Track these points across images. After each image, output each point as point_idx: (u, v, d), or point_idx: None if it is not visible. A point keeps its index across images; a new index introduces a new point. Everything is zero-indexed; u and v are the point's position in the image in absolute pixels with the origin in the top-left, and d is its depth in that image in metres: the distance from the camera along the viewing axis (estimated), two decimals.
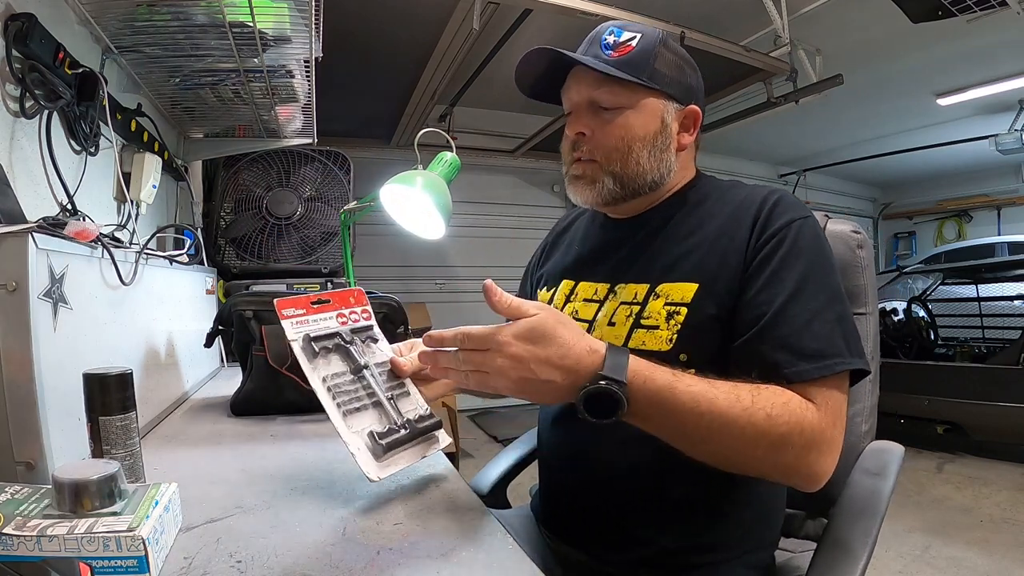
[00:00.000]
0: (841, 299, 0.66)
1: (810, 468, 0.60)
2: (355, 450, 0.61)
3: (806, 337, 0.62)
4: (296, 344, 0.67)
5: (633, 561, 0.73)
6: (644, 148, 0.75)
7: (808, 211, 0.72)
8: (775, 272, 0.66)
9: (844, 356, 0.62)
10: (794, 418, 0.59)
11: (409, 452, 0.65)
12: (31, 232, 0.60)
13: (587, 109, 0.76)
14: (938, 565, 2.08)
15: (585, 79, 0.76)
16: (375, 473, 0.60)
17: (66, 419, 0.64)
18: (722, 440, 0.59)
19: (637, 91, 0.74)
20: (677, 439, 0.61)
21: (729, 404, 0.58)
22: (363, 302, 0.77)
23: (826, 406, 0.61)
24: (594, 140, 0.76)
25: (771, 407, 0.58)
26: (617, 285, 0.78)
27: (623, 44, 0.74)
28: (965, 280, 4.04)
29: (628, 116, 0.74)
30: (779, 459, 0.60)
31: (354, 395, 0.66)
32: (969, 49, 3.48)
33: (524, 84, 0.82)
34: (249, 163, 2.17)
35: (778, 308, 0.64)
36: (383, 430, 0.64)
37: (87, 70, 1.11)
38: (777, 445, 0.58)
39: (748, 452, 0.59)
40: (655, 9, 2.60)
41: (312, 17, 1.20)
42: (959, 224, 7.47)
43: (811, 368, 0.61)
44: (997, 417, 3.00)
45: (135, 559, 0.45)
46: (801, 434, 0.59)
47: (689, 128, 0.79)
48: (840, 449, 0.62)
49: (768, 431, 0.58)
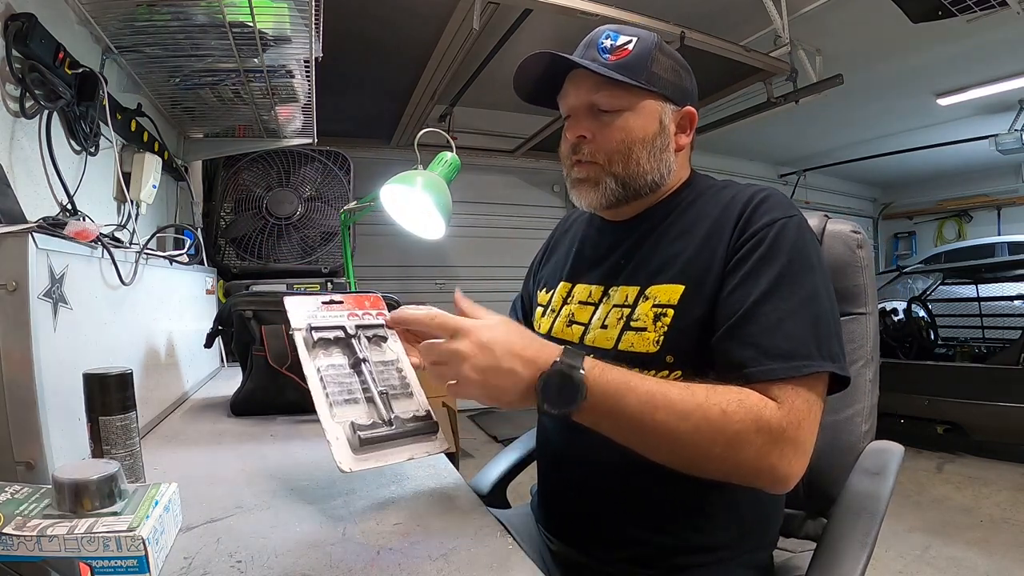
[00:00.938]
0: (819, 300, 0.64)
1: (773, 468, 0.58)
2: (333, 439, 0.60)
3: (776, 336, 0.62)
4: (299, 334, 0.68)
5: (631, 560, 0.73)
6: (644, 149, 0.75)
7: (795, 210, 0.71)
8: (751, 271, 0.66)
9: (814, 358, 0.61)
10: (750, 415, 0.58)
11: (394, 451, 0.64)
12: (31, 232, 0.60)
13: (587, 112, 0.77)
14: (938, 565, 2.08)
15: (584, 83, 0.76)
16: (348, 464, 0.59)
17: (66, 419, 0.64)
18: (678, 437, 0.58)
19: (636, 93, 0.75)
20: (634, 437, 0.60)
21: (683, 399, 0.58)
22: (379, 306, 0.77)
23: (790, 405, 0.59)
24: (595, 143, 0.76)
25: (726, 403, 0.58)
26: (611, 288, 0.78)
27: (620, 48, 0.75)
28: (965, 280, 4.04)
29: (627, 118, 0.75)
30: (739, 457, 0.58)
31: (347, 387, 0.66)
32: (969, 49, 3.48)
33: (522, 89, 0.82)
34: (249, 163, 2.17)
35: (749, 306, 0.64)
36: (367, 423, 0.63)
37: (87, 70, 1.11)
38: (734, 442, 0.57)
39: (706, 450, 0.58)
40: (655, 9, 2.60)
41: (312, 17, 1.20)
42: (959, 224, 7.48)
43: (777, 367, 0.60)
44: (997, 417, 3.00)
45: (135, 559, 0.45)
46: (759, 431, 0.57)
47: (686, 129, 0.79)
48: (809, 452, 0.60)
49: (724, 427, 0.57)
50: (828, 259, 0.87)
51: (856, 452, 0.83)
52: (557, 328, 0.84)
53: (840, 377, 0.64)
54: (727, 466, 0.59)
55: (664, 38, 0.71)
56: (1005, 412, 2.95)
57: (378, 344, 0.73)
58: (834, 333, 0.64)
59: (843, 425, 0.85)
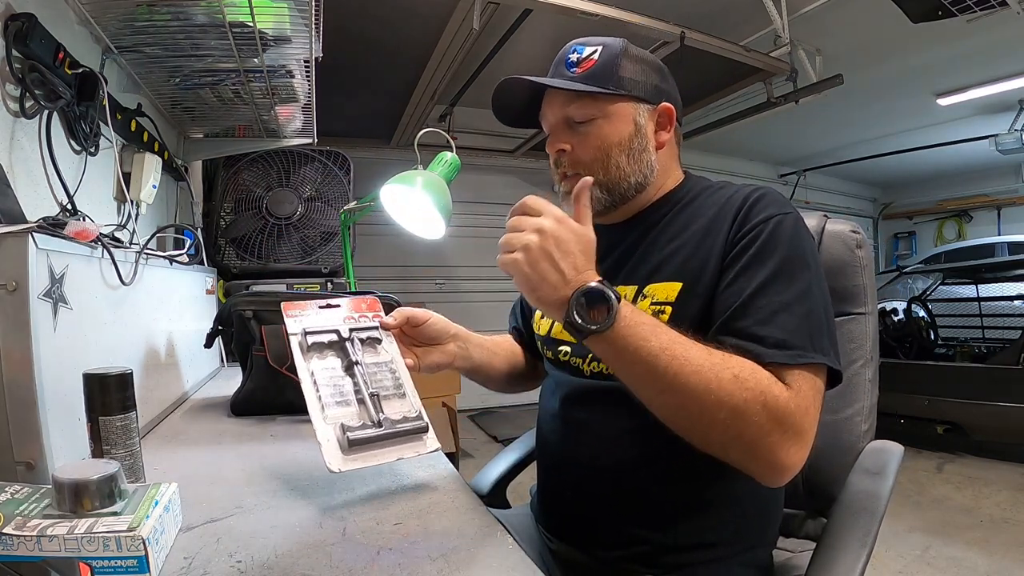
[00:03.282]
0: (812, 296, 0.65)
1: (772, 451, 0.58)
2: (323, 440, 0.62)
3: (769, 327, 0.62)
4: (295, 339, 0.69)
5: (631, 559, 0.73)
6: (622, 152, 0.77)
7: (791, 208, 0.71)
8: (746, 266, 0.67)
9: (808, 350, 0.61)
10: (760, 386, 0.58)
11: (383, 451, 0.65)
12: (31, 232, 0.60)
13: (563, 127, 0.79)
14: (938, 565, 2.08)
15: (556, 99, 0.79)
16: (337, 465, 0.60)
17: (66, 419, 0.64)
18: (689, 391, 0.58)
19: (606, 100, 0.76)
20: (645, 380, 0.61)
21: (701, 354, 0.59)
22: (375, 309, 0.78)
23: (799, 389, 0.59)
24: (574, 155, 0.78)
25: (740, 369, 0.59)
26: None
27: (586, 59, 0.77)
28: (965, 280, 4.04)
29: (601, 125, 0.77)
30: (741, 428, 0.58)
31: (340, 390, 0.67)
32: (969, 49, 3.48)
33: (504, 116, 0.86)
34: (249, 163, 2.17)
35: (744, 299, 0.64)
36: (356, 425, 0.64)
37: (87, 70, 1.11)
38: (739, 412, 0.57)
39: (711, 413, 0.58)
40: (655, 9, 2.60)
41: (312, 17, 1.20)
42: (959, 224, 7.47)
43: (774, 354, 0.61)
44: (997, 417, 3.00)
45: (135, 559, 0.45)
46: (765, 405, 0.57)
47: (665, 126, 0.80)
48: (809, 445, 0.60)
49: (733, 392, 0.57)
50: (827, 259, 0.88)
51: (856, 452, 0.83)
52: (556, 329, 0.84)
53: (833, 375, 0.64)
54: (727, 437, 0.59)
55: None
56: (1005, 412, 2.95)
57: (372, 346, 0.74)
58: (825, 329, 0.64)
59: (843, 425, 0.85)
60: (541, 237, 0.60)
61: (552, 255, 0.60)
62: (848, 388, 0.86)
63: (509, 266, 0.62)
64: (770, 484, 0.61)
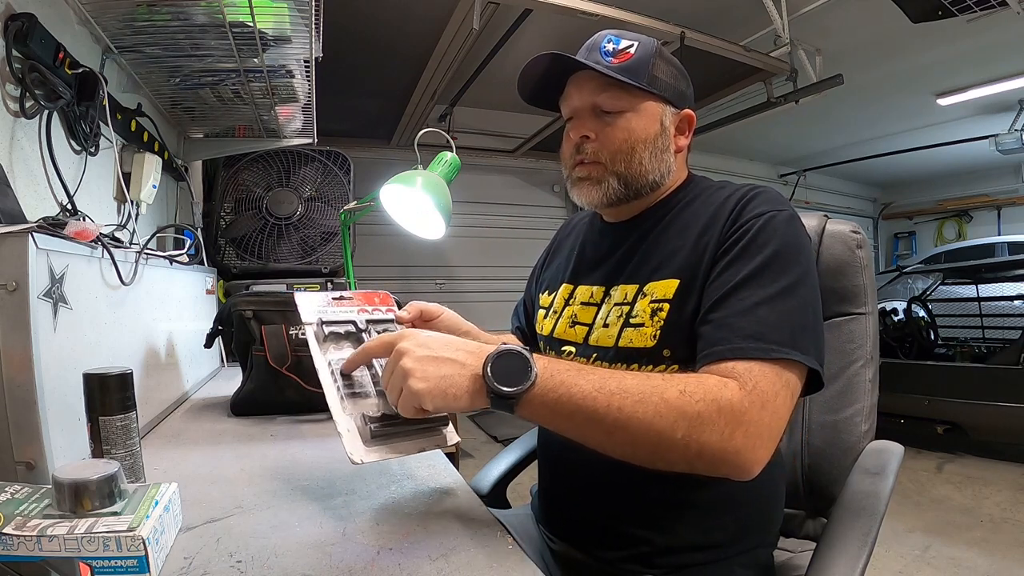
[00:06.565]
0: (798, 293, 0.64)
1: (738, 453, 0.56)
2: (344, 430, 0.60)
3: (748, 319, 0.61)
4: (310, 328, 0.68)
5: (631, 559, 0.73)
6: (646, 149, 0.77)
7: (787, 206, 0.71)
8: (733, 260, 0.67)
9: (784, 346, 0.60)
10: (710, 394, 0.56)
11: (404, 443, 0.63)
12: (31, 232, 0.60)
13: (590, 113, 0.78)
14: (938, 565, 2.08)
15: (587, 85, 0.77)
16: (359, 455, 0.59)
17: (66, 419, 0.64)
18: (639, 424, 0.55)
19: (638, 95, 0.76)
20: (590, 427, 0.57)
21: (638, 383, 0.57)
22: (388, 303, 0.78)
23: (753, 387, 0.57)
24: (599, 142, 0.78)
25: (684, 384, 0.57)
26: (612, 287, 0.79)
27: (622, 51, 0.76)
28: (965, 280, 4.04)
29: (630, 119, 0.76)
30: (703, 440, 0.55)
31: (358, 380, 0.66)
32: (969, 49, 3.48)
33: (525, 90, 0.83)
34: (249, 163, 2.17)
35: (728, 291, 0.64)
36: (377, 416, 0.62)
37: (87, 70, 1.11)
38: (696, 425, 0.55)
39: (669, 436, 0.55)
40: (655, 9, 2.60)
41: (312, 17, 1.20)
42: (959, 224, 7.48)
43: (745, 347, 0.60)
44: (997, 417, 3.00)
45: (135, 559, 0.45)
46: (720, 411, 0.55)
47: (684, 131, 0.81)
48: (772, 439, 0.58)
49: (684, 408, 0.55)
50: (828, 259, 0.88)
51: (856, 452, 0.84)
52: (559, 329, 0.84)
53: (817, 378, 0.63)
54: (690, 453, 0.56)
55: (664, 38, 0.71)
56: (1005, 412, 2.95)
57: None
58: (809, 327, 0.63)
59: (843, 425, 0.85)
60: (408, 355, 0.57)
61: (431, 356, 0.57)
62: (848, 388, 0.86)
63: (410, 398, 0.56)
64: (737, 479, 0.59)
